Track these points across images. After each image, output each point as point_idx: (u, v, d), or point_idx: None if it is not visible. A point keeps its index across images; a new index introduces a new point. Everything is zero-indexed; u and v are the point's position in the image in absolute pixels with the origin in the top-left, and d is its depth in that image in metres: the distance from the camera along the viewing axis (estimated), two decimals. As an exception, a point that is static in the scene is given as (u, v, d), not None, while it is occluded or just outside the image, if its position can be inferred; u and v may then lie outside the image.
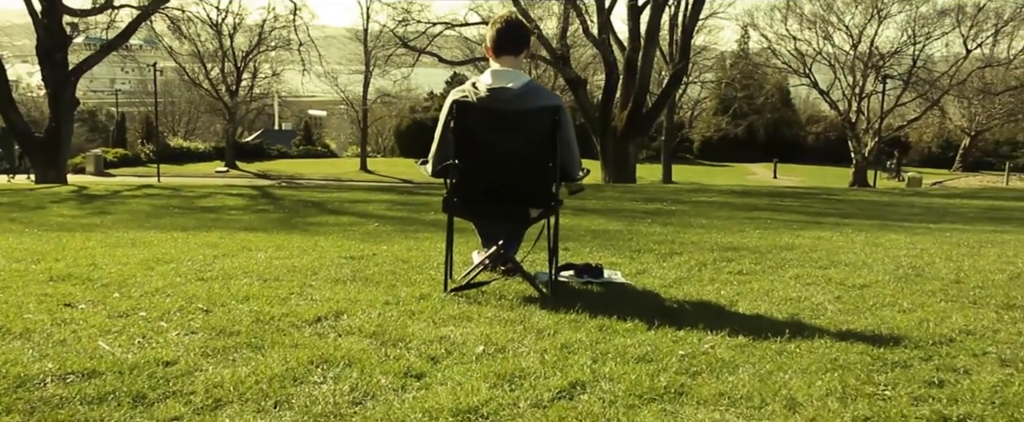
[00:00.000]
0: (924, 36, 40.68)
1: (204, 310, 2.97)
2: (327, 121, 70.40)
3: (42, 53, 22.16)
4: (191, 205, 11.39)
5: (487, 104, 3.45)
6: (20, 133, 22.62)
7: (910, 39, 40.80)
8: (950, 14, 40.13)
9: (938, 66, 41.54)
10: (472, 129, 3.46)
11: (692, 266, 4.59)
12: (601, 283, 3.91)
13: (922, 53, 40.76)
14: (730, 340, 2.74)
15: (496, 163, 3.54)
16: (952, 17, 40.13)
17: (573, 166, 3.62)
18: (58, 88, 22.29)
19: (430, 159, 3.69)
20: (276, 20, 42.81)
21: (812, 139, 52.56)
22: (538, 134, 3.47)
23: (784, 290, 3.76)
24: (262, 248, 5.16)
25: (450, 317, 3.00)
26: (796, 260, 4.88)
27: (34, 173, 23.18)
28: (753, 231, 7.09)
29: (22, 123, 22.94)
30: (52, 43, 21.85)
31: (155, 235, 6.03)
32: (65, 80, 22.40)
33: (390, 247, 5.27)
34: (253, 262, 4.33)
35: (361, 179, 37.09)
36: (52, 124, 22.59)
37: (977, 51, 40.95)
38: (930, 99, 40.35)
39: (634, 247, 5.51)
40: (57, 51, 21.94)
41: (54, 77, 22.23)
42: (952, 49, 41.98)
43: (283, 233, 6.52)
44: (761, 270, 4.45)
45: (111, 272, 3.82)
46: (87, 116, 58.28)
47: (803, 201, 13.34)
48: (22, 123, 22.94)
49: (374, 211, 10.05)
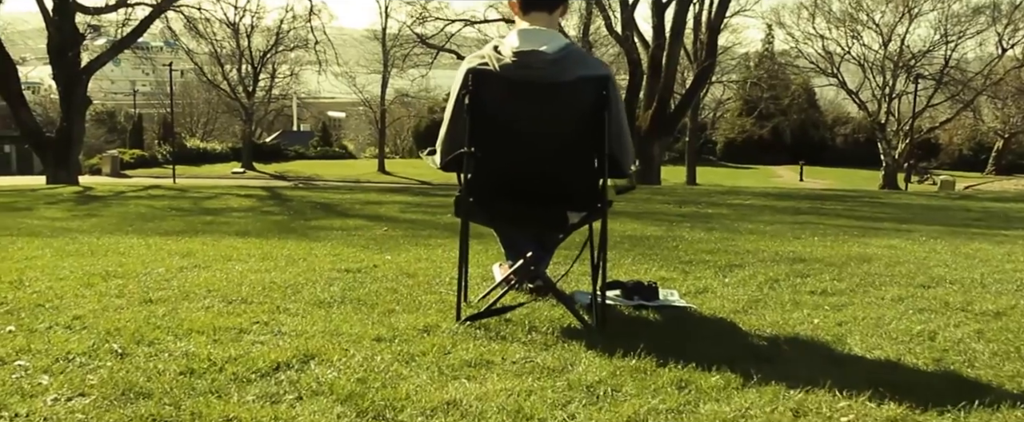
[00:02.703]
0: (957, 35, 39.38)
1: (118, 354, 2.15)
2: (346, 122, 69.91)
3: (53, 52, 21.66)
4: (193, 207, 10.68)
5: (513, 73, 2.61)
6: (31, 132, 22.10)
7: (942, 38, 39.51)
8: (985, 12, 38.81)
9: (972, 66, 40.21)
10: (493, 106, 2.63)
11: (761, 283, 3.75)
12: (657, 307, 3.07)
13: (955, 52, 39.47)
14: (875, 408, 1.88)
15: (525, 151, 2.70)
16: (987, 15, 38.80)
17: (625, 155, 2.76)
18: (69, 87, 21.79)
19: (438, 147, 2.85)
20: (294, 20, 42.27)
21: (839, 141, 51.34)
22: (579, 113, 2.63)
23: (898, 320, 2.90)
24: (244, 257, 4.36)
25: (462, 364, 2.16)
26: (885, 276, 4.01)
27: (45, 173, 22.65)
28: (811, 238, 6.22)
29: (33, 122, 22.44)
30: (63, 41, 21.32)
31: (130, 241, 5.26)
32: (76, 79, 21.89)
33: (395, 257, 4.45)
34: (225, 276, 3.53)
35: (378, 180, 36.39)
36: (63, 124, 22.08)
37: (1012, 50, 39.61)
38: (962, 100, 39.02)
39: (683, 257, 4.67)
40: (68, 50, 21.41)
41: (65, 76, 21.73)
42: (986, 49, 40.65)
43: (277, 238, 5.73)
44: (849, 289, 3.59)
45: (33, 291, 3.03)
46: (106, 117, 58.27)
47: (847, 204, 12.42)
48: (33, 122, 22.44)
49: (386, 214, 9.26)
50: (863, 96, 41.26)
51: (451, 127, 2.76)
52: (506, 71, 2.61)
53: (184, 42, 39.83)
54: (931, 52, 40.15)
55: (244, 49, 44.42)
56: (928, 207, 12.09)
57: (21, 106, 21.47)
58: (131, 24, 24.52)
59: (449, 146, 2.78)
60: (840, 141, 51.56)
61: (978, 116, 45.28)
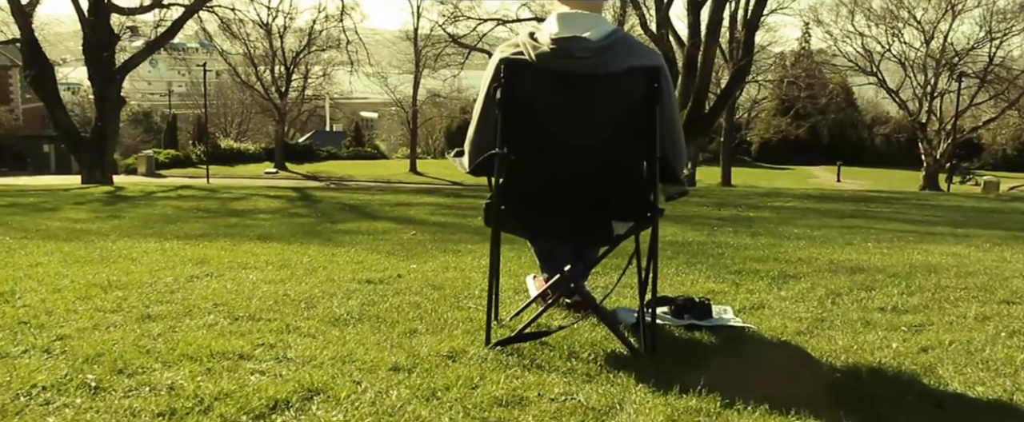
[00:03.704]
0: (1002, 32, 38.22)
1: (91, 388, 1.86)
2: (378, 122, 70.06)
3: (89, 52, 21.75)
4: (220, 208, 10.51)
5: (551, 63, 2.28)
6: (66, 132, 22.22)
7: (987, 35, 38.39)
8: (1032, 8, 37.62)
9: (1018, 63, 39.04)
10: (528, 101, 2.30)
11: (822, 297, 3.39)
12: (711, 327, 2.73)
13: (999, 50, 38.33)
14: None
15: (564, 152, 2.36)
16: (1033, 11, 37.61)
17: (678, 157, 2.42)
18: (104, 87, 21.86)
19: (467, 148, 2.53)
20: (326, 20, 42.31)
21: (879, 141, 50.29)
22: (628, 109, 2.30)
23: (990, 345, 2.53)
24: (262, 265, 4.10)
25: (491, 402, 1.85)
26: (958, 289, 3.62)
27: (81, 173, 22.78)
28: (864, 244, 5.83)
29: (69, 122, 22.56)
30: (99, 42, 21.40)
31: (146, 246, 5.02)
32: (111, 79, 21.96)
33: (422, 265, 4.15)
34: (236, 287, 3.26)
35: (410, 181, 36.25)
36: (97, 123, 22.18)
37: (1061, 47, 38.41)
38: (1007, 99, 37.88)
39: (730, 266, 4.32)
40: (103, 50, 21.49)
41: (100, 76, 21.82)
42: (1032, 46, 39.42)
43: (299, 243, 5.47)
44: (923, 305, 3.22)
45: (23, 305, 2.77)
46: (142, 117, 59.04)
47: (894, 207, 11.91)
48: (69, 122, 22.56)
49: (416, 216, 8.99)
50: (903, 95, 40.32)
51: (481, 125, 2.43)
52: (543, 61, 2.28)
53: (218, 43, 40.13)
54: (975, 49, 39.07)
55: (277, 50, 44.61)
56: (980, 210, 11.53)
57: (57, 106, 21.59)
58: (165, 25, 24.62)
59: (478, 147, 2.45)
60: (879, 141, 50.46)
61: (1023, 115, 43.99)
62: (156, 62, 63.85)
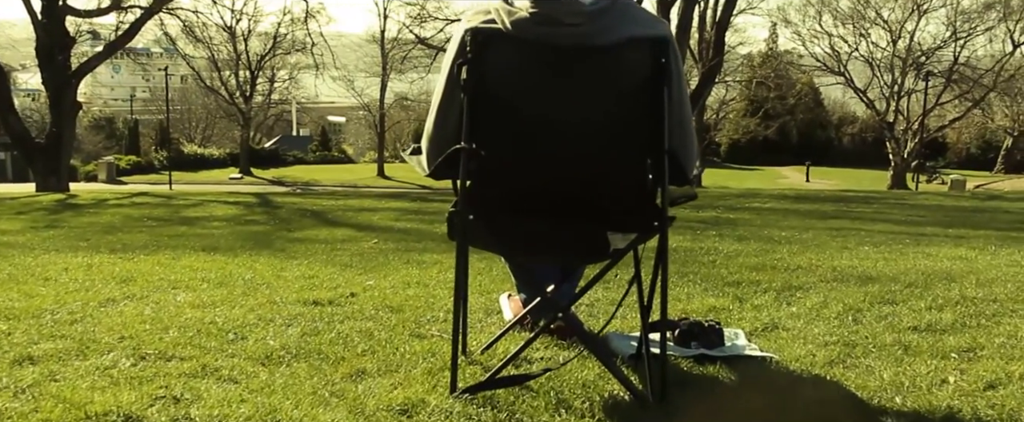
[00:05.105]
0: (967, 32, 38.56)
1: None
2: (345, 127, 69.28)
3: (42, 55, 20.91)
4: (172, 216, 9.91)
5: (531, 32, 1.78)
6: (19, 139, 21.35)
7: (952, 35, 38.70)
8: (996, 7, 37.96)
9: (982, 63, 39.41)
10: (502, 82, 1.81)
11: (841, 314, 2.95)
12: (725, 357, 2.27)
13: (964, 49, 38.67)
14: None
15: (548, 146, 1.86)
16: (998, 11, 37.97)
17: (688, 152, 1.94)
18: (58, 91, 21.05)
19: (425, 145, 2.01)
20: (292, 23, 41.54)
21: (846, 141, 50.65)
22: (628, 91, 1.82)
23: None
24: (196, 283, 3.57)
25: (458, 487, 1.36)
26: (988, 301, 3.21)
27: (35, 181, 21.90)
28: (860, 248, 5.44)
29: (22, 128, 21.66)
30: (52, 44, 20.57)
31: (71, 261, 4.46)
32: (65, 83, 21.15)
33: (380, 280, 3.65)
34: (155, 314, 2.74)
35: (377, 185, 35.59)
36: (52, 129, 21.37)
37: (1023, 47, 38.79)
38: (972, 98, 38.21)
39: (727, 277, 3.88)
40: (57, 53, 20.67)
41: (54, 80, 21.01)
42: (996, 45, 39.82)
43: (248, 255, 4.93)
44: (960, 323, 2.78)
45: None
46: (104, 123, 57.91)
47: (874, 207, 11.62)
48: (22, 128, 21.66)
49: (379, 222, 8.48)
50: (871, 95, 40.54)
51: (442, 115, 1.92)
52: (521, 29, 1.78)
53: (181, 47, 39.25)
54: (941, 49, 39.39)
55: (241, 53, 43.73)
56: (962, 209, 11.28)
57: (10, 111, 20.73)
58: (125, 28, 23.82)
59: (440, 142, 1.92)
60: (846, 141, 50.78)
61: (988, 114, 44.44)
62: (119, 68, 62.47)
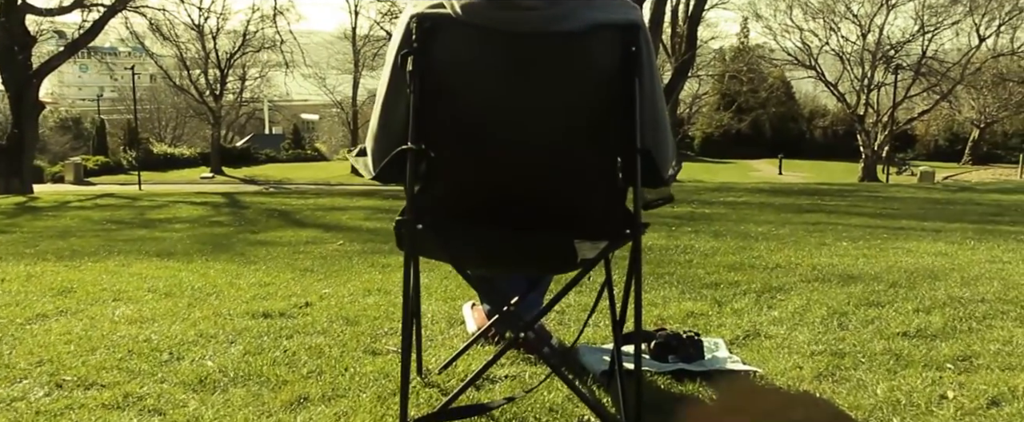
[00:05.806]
0: (934, 26, 38.97)
1: None
2: (319, 125, 68.67)
3: (2, 54, 20.39)
4: (134, 218, 9.62)
5: (484, 17, 1.59)
6: (-22, 141, 20.84)
7: (920, 29, 39.09)
8: (962, 2, 38.38)
9: (950, 56, 39.87)
10: (453, 73, 1.61)
11: (825, 318, 2.80)
12: (704, 372, 2.09)
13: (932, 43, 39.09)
14: None
15: (506, 146, 1.67)
16: (964, 5, 38.39)
17: (663, 151, 1.75)
18: (19, 91, 20.58)
19: (370, 146, 1.80)
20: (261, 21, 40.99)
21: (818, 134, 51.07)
22: (594, 83, 1.63)
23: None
24: (141, 294, 3.35)
25: None
26: (976, 301, 3.07)
27: (-3, 183, 21.37)
28: (839, 244, 5.32)
29: (-21, 130, 21.19)
30: (12, 43, 20.06)
31: (9, 270, 4.20)
32: (27, 82, 20.66)
33: (339, 288, 3.45)
34: (86, 331, 2.51)
35: (350, 183, 35.22)
36: (14, 130, 20.91)
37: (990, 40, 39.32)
38: (940, 91, 38.64)
39: (704, 278, 3.71)
40: (18, 52, 20.17)
41: (15, 80, 20.54)
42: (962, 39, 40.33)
43: (203, 260, 4.69)
44: (951, 327, 2.64)
45: None
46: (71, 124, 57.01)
47: (848, 200, 11.57)
48: (-21, 130, 21.19)
49: (347, 222, 8.24)
50: (841, 88, 40.85)
51: (387, 112, 1.72)
52: (472, 14, 1.58)
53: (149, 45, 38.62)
54: (909, 43, 39.80)
55: (210, 52, 43.09)
56: (935, 201, 11.26)
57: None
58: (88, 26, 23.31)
59: (386, 143, 1.72)
60: (817, 134, 51.18)
61: (956, 106, 44.96)
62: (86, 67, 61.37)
